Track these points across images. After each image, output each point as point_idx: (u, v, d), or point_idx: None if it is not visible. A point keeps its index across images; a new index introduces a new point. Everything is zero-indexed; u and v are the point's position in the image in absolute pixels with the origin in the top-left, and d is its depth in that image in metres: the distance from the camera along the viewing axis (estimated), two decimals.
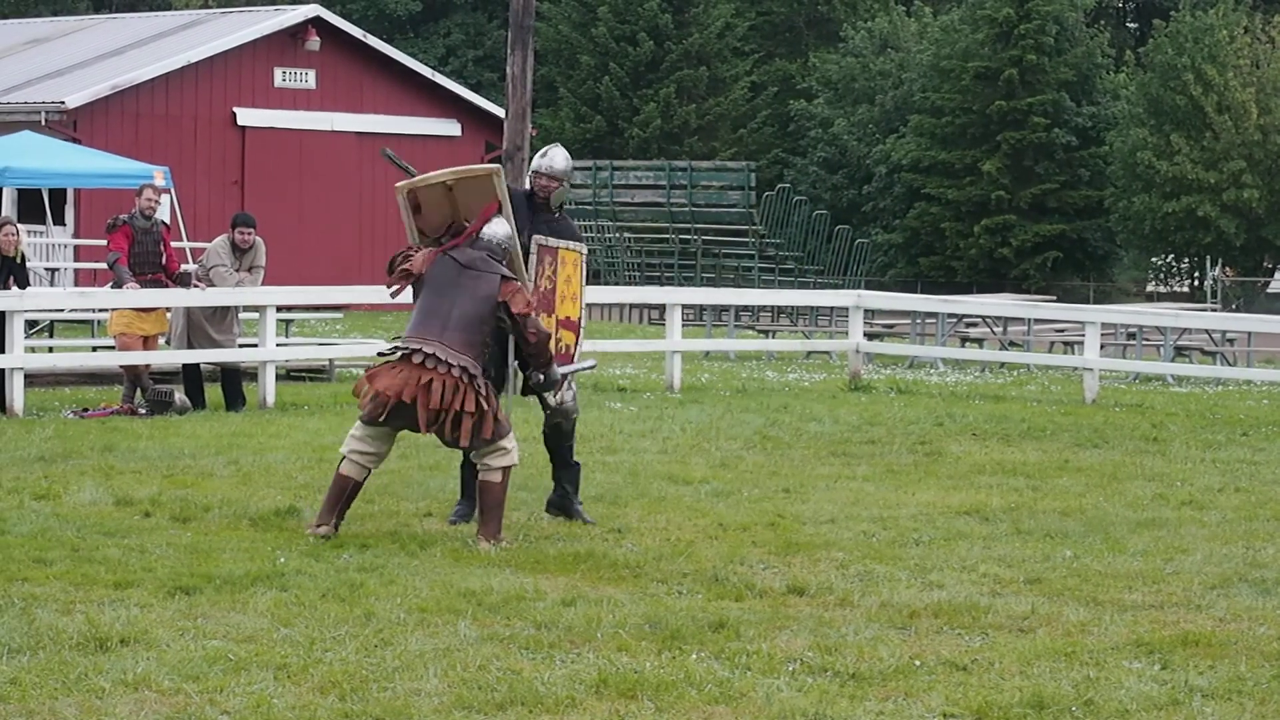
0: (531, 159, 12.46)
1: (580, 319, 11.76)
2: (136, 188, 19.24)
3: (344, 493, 10.98)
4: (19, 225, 19.59)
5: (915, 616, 9.07)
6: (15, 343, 17.52)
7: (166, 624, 8.56)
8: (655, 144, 56.99)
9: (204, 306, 18.29)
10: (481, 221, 11.11)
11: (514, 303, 10.93)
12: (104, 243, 19.11)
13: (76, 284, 30.42)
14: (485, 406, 10.83)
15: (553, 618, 8.80)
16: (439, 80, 40.97)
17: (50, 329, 24.24)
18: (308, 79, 38.96)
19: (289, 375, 21.70)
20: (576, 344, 11.73)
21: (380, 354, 11.23)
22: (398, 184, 11.55)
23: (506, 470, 11.01)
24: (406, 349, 10.82)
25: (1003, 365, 26.41)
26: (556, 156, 11.62)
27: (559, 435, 11.97)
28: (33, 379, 18.98)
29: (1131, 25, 71.36)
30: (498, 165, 11.62)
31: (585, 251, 11.83)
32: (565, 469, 11.94)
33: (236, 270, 18.43)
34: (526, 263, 11.39)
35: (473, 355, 10.80)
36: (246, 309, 19.78)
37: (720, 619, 8.84)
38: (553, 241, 11.51)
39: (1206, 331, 27.06)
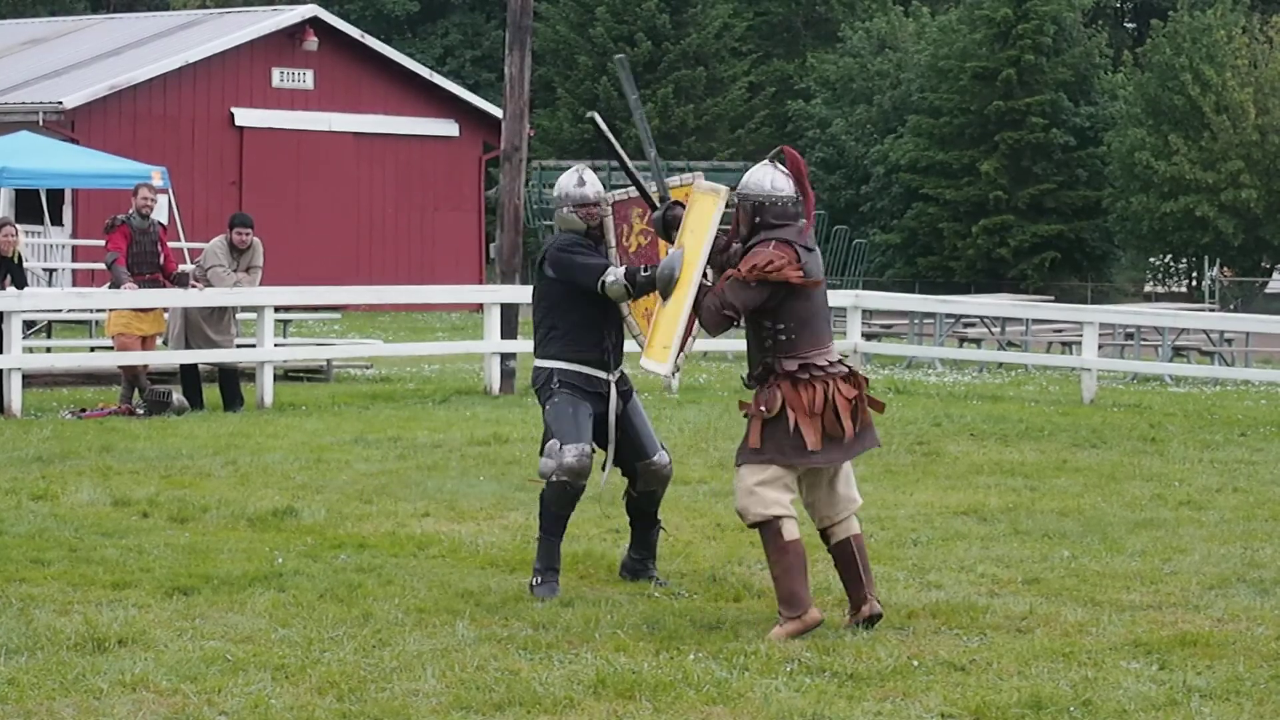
0: (530, 161, 11.96)
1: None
2: (133, 187, 19.25)
3: (804, 561, 8.80)
4: (17, 226, 19.61)
5: (913, 617, 9.07)
6: (13, 343, 17.53)
7: (164, 624, 8.56)
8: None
9: (202, 307, 18.30)
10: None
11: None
12: (102, 243, 19.11)
13: (74, 284, 30.41)
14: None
15: (551, 618, 8.80)
16: (437, 80, 40.97)
17: (48, 329, 24.24)
18: (305, 79, 38.96)
19: (287, 375, 21.69)
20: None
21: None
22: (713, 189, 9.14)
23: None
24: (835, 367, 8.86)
25: (1001, 365, 26.41)
26: (591, 179, 9.89)
27: (651, 501, 10.00)
28: (30, 379, 18.97)
29: (1129, 25, 71.33)
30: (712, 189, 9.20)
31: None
32: (649, 530, 10.02)
33: (234, 270, 18.43)
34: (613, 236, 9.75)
35: None
36: (244, 309, 19.78)
37: (718, 619, 8.84)
38: (631, 191, 9.80)
39: (1204, 332, 27.06)
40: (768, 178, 8.89)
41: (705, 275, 8.99)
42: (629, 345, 9.83)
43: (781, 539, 8.65)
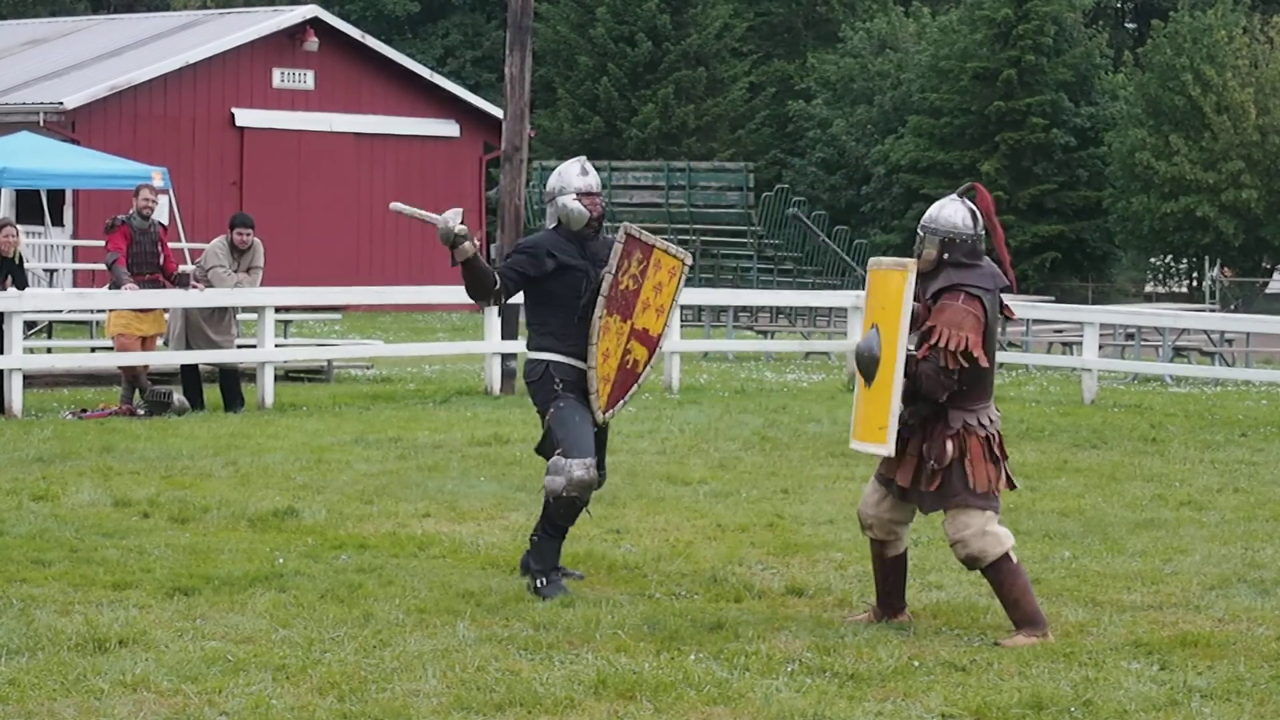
0: (530, 161, 11.92)
1: (660, 337, 9.90)
2: (134, 188, 19.25)
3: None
4: (17, 226, 19.61)
5: (914, 617, 9.07)
6: (14, 344, 17.53)
7: (165, 625, 8.56)
8: (654, 145, 56.95)
9: (202, 307, 18.30)
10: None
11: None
12: (102, 243, 19.12)
13: (75, 285, 30.42)
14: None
15: (551, 618, 8.80)
16: (437, 81, 40.98)
17: (49, 330, 24.24)
18: (306, 80, 38.96)
19: (287, 376, 21.69)
20: (647, 364, 9.85)
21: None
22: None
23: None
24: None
25: (1001, 366, 26.40)
26: (592, 169, 9.97)
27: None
28: (31, 380, 18.97)
29: (1130, 26, 71.33)
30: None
31: (689, 262, 10.01)
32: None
33: (235, 271, 18.44)
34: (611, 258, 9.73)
35: None
36: (245, 310, 19.79)
37: (719, 620, 8.84)
38: (648, 237, 9.81)
39: (1205, 332, 27.06)
40: (958, 214, 8.91)
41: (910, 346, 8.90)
42: None
43: (1012, 563, 8.77)
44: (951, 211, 8.92)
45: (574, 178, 9.82)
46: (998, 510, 8.82)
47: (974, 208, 8.93)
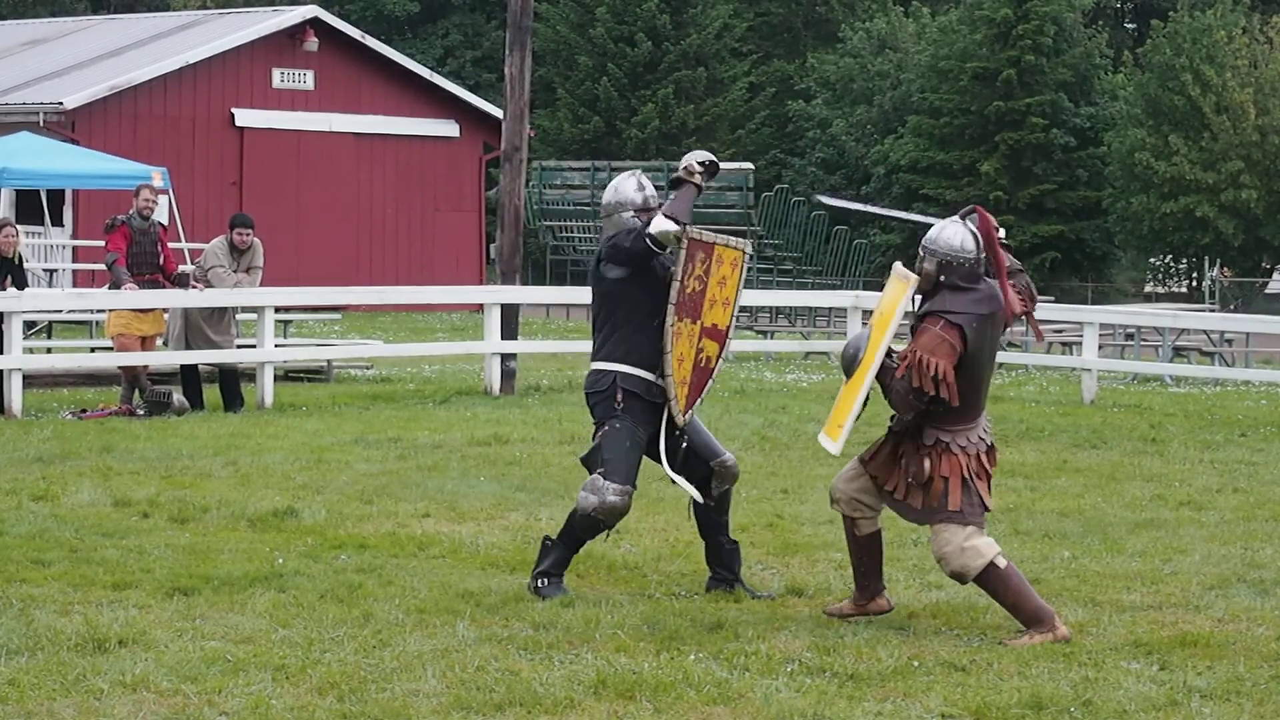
0: (530, 161, 11.80)
1: (729, 328, 9.75)
2: (134, 188, 19.25)
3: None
4: (17, 226, 19.61)
5: (913, 617, 9.07)
6: (13, 344, 17.53)
7: (165, 625, 8.56)
8: (653, 145, 56.95)
9: (202, 307, 18.30)
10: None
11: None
12: (102, 243, 19.12)
13: (74, 285, 30.41)
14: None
15: (551, 618, 8.80)
16: (437, 81, 40.97)
17: (48, 330, 24.25)
18: (306, 80, 38.96)
19: (287, 376, 21.69)
20: (719, 358, 9.71)
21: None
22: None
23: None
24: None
25: (1001, 366, 26.40)
26: (648, 184, 9.75)
27: (726, 502, 9.89)
28: (31, 380, 18.97)
29: (1129, 26, 71.34)
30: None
31: (749, 251, 9.87)
32: (726, 542, 9.82)
33: (234, 271, 18.44)
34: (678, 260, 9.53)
35: None
36: (244, 310, 19.78)
37: (718, 620, 8.84)
38: (708, 235, 9.65)
39: (1205, 332, 27.06)
40: (958, 236, 8.90)
41: (890, 355, 8.92)
42: None
43: (1000, 569, 8.75)
44: (951, 234, 8.92)
45: (632, 193, 9.65)
46: (981, 525, 8.82)
47: (975, 230, 8.92)
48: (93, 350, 22.29)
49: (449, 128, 40.66)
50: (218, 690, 7.45)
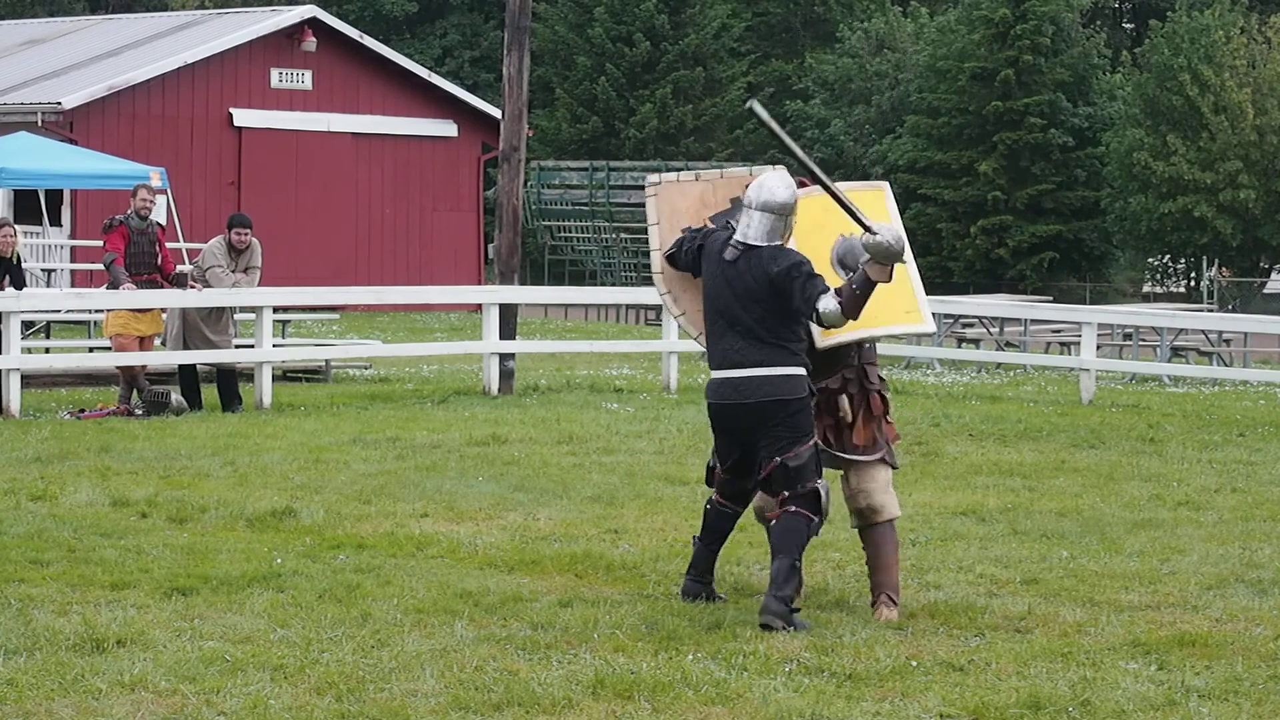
0: (528, 161, 11.52)
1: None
2: (131, 188, 19.25)
3: None
4: (15, 226, 19.61)
5: (912, 617, 9.07)
6: (11, 344, 17.52)
7: (163, 625, 8.56)
8: (652, 145, 56.99)
9: (200, 307, 18.30)
10: None
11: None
12: (100, 243, 19.12)
13: (73, 285, 30.41)
14: None
15: (549, 618, 8.80)
16: (435, 81, 40.96)
17: (46, 330, 24.25)
18: (304, 80, 38.95)
19: (285, 376, 21.69)
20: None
21: None
22: None
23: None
24: None
25: (999, 366, 26.41)
26: (794, 185, 9.31)
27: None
28: (29, 380, 18.97)
29: (1128, 26, 71.38)
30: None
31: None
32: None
33: (233, 271, 18.44)
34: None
35: None
36: (242, 310, 19.78)
37: (717, 619, 8.84)
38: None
39: (1203, 332, 27.07)
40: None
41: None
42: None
43: (894, 527, 9.26)
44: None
45: (780, 192, 9.14)
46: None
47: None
48: (91, 350, 22.29)
49: (447, 128, 40.65)
50: (216, 690, 7.45)
